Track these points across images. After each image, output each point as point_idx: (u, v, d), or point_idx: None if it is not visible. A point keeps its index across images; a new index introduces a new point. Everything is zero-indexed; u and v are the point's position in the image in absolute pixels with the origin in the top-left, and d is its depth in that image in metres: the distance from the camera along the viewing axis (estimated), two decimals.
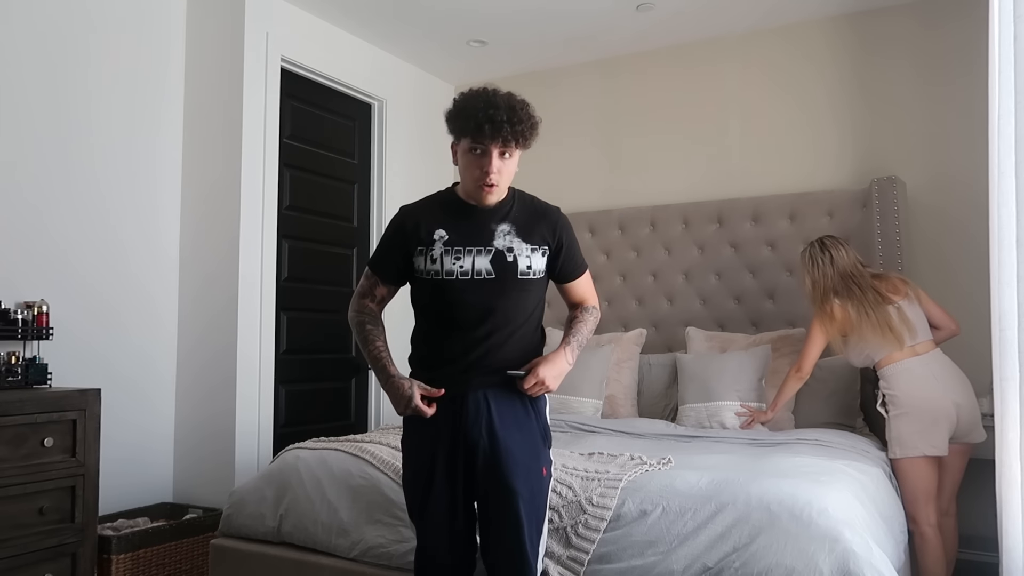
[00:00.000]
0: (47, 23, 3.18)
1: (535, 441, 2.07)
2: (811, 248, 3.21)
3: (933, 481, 2.90)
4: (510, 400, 2.05)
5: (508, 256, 2.03)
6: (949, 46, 3.77)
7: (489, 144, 1.94)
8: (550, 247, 2.11)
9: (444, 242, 2.02)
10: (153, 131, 3.60)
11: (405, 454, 2.12)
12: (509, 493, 1.96)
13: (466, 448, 2.01)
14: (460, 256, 2.01)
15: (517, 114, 1.93)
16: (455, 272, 2.00)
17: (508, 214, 2.07)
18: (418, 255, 2.04)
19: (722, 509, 2.23)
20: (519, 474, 1.98)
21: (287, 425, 3.90)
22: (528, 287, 2.07)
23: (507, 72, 4.87)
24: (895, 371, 2.98)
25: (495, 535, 2.00)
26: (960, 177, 3.69)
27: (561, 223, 2.13)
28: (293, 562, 2.67)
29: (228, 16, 3.68)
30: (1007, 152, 2.34)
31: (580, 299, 2.25)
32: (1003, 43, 2.35)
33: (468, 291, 2.01)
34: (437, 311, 2.06)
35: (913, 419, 2.90)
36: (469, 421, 2.00)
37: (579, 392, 3.80)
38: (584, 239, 4.43)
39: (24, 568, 2.60)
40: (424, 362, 2.11)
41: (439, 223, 2.04)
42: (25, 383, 2.87)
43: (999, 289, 2.36)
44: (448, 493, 2.02)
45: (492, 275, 2.01)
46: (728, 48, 4.29)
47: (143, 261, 3.54)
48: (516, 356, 2.07)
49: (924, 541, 2.88)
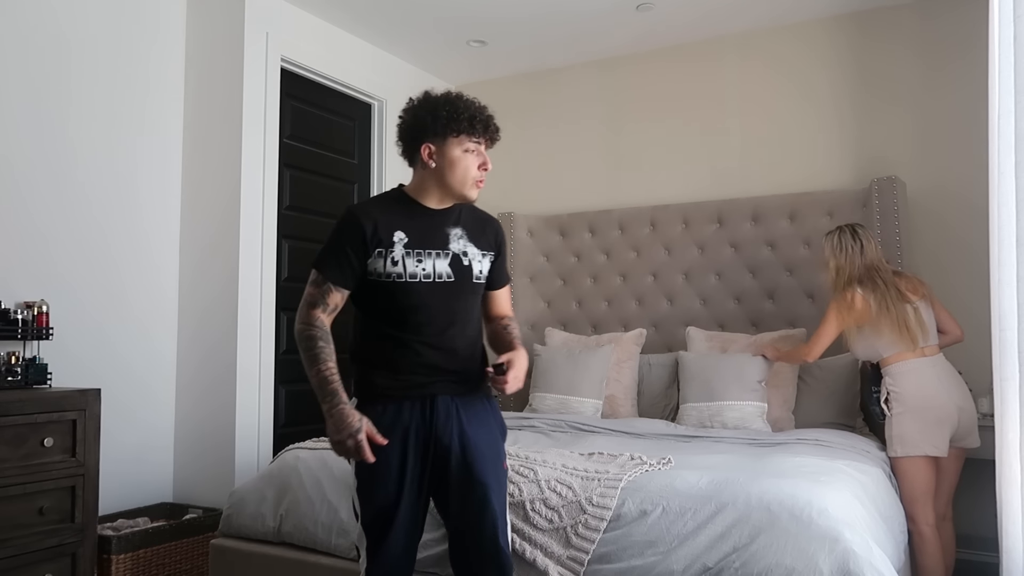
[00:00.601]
0: (47, 23, 3.18)
1: (497, 438, 2.10)
2: (840, 233, 3.14)
3: (932, 481, 2.91)
4: (473, 401, 2.06)
5: (464, 260, 2.04)
6: (949, 46, 3.77)
7: (483, 140, 2.03)
8: (493, 253, 2.14)
9: (404, 244, 1.99)
10: (153, 131, 3.60)
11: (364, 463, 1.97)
12: (484, 488, 1.98)
13: (437, 452, 2.00)
14: (422, 259, 2.00)
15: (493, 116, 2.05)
16: (418, 275, 1.99)
17: (459, 219, 2.09)
18: (376, 257, 1.98)
19: (722, 509, 2.23)
20: (489, 471, 2.01)
21: (287, 425, 3.90)
22: (478, 291, 2.11)
23: (507, 72, 4.87)
24: (903, 369, 2.96)
25: (474, 534, 1.99)
26: (960, 177, 3.69)
27: (500, 231, 2.19)
28: (293, 562, 2.67)
29: (228, 16, 3.68)
30: (1007, 152, 2.34)
31: (504, 311, 2.24)
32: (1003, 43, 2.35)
33: (430, 294, 2.00)
34: (398, 315, 2.00)
35: (916, 418, 2.90)
36: (440, 425, 1.99)
37: (579, 392, 3.80)
38: (584, 239, 4.44)
39: (24, 568, 2.60)
40: (384, 367, 2.02)
41: (397, 224, 2.01)
42: (25, 383, 2.87)
43: (999, 289, 2.35)
44: (416, 500, 2.00)
45: (452, 278, 2.02)
46: (728, 48, 4.29)
47: (143, 261, 3.54)
48: (473, 359, 2.09)
49: (923, 540, 2.88)
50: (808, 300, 3.87)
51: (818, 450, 2.83)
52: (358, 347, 2.07)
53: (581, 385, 3.81)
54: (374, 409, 1.99)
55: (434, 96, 2.03)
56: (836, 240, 3.13)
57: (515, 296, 4.49)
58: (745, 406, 3.41)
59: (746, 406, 3.41)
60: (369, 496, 1.98)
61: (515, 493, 2.47)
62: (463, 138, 1.99)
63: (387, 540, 1.96)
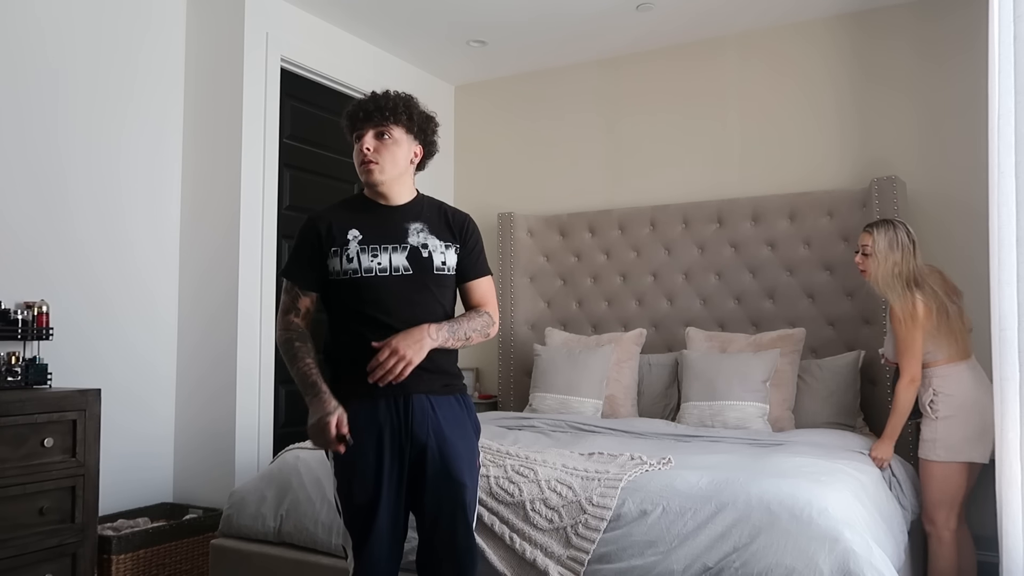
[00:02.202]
0: (47, 23, 3.18)
1: (471, 436, 2.12)
2: (895, 228, 2.89)
3: (963, 488, 2.82)
4: (448, 399, 2.08)
5: (423, 252, 2.07)
6: (949, 45, 3.77)
7: (367, 127, 2.09)
8: (458, 244, 2.15)
9: (359, 241, 2.05)
10: (153, 131, 3.60)
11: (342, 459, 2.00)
12: (460, 487, 2.01)
13: (413, 451, 2.00)
14: (377, 253, 2.04)
15: (387, 100, 2.09)
16: (374, 269, 2.03)
17: (420, 214, 2.13)
18: (332, 256, 2.05)
19: (722, 509, 2.23)
20: (465, 469, 2.03)
21: (287, 425, 3.90)
22: (444, 283, 2.12)
23: (507, 72, 4.87)
24: (954, 372, 2.83)
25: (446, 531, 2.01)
26: (960, 177, 3.69)
27: (468, 223, 2.20)
28: (293, 562, 2.67)
29: (228, 16, 3.68)
30: (1007, 152, 2.34)
31: (478, 302, 2.21)
32: (1003, 43, 2.36)
33: (387, 287, 2.02)
34: (359, 311, 2.03)
35: (964, 423, 2.78)
36: (416, 424, 2.00)
37: (579, 392, 3.81)
38: (584, 239, 4.44)
39: (24, 568, 2.60)
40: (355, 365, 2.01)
41: (351, 223, 2.08)
42: (25, 383, 2.87)
43: (999, 289, 2.36)
44: (396, 498, 2.00)
45: (410, 271, 2.05)
46: (728, 48, 4.29)
47: (143, 261, 3.54)
48: (445, 354, 2.08)
49: (941, 545, 2.81)
50: (808, 300, 3.87)
51: (818, 450, 2.83)
52: (331, 348, 2.12)
53: (581, 385, 3.81)
54: (349, 408, 2.00)
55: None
56: (893, 235, 2.88)
57: (515, 296, 4.49)
58: (746, 406, 3.41)
59: (747, 406, 3.41)
60: (349, 495, 2.01)
61: (515, 493, 2.47)
62: (354, 135, 2.12)
63: (370, 539, 1.98)
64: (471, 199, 4.85)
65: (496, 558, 2.38)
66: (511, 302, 4.49)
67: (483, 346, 4.81)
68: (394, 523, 2.02)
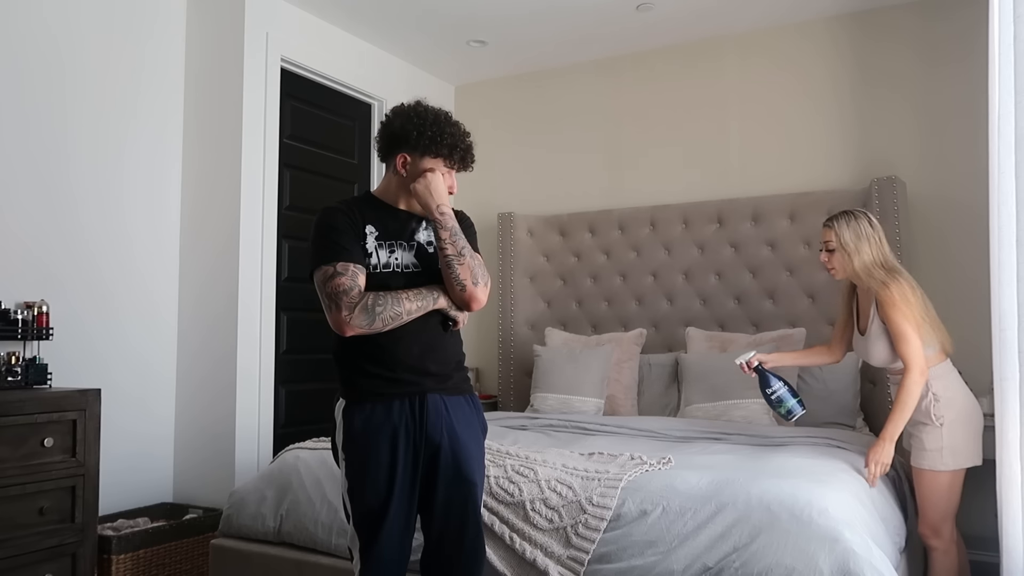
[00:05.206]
0: (47, 23, 3.18)
1: (479, 435, 2.14)
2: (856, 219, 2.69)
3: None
4: (459, 399, 2.09)
5: (429, 249, 2.09)
6: (949, 46, 3.77)
7: (458, 168, 2.12)
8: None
9: (375, 236, 2.06)
10: (153, 131, 3.60)
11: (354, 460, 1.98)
12: (471, 487, 2.03)
13: (427, 451, 2.00)
14: (393, 249, 2.06)
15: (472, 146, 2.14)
16: (391, 264, 2.05)
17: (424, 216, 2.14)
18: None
19: (722, 509, 2.23)
20: (476, 468, 2.05)
21: (287, 425, 3.90)
22: None
23: (507, 72, 4.87)
24: (944, 372, 2.65)
25: (454, 531, 2.02)
26: (960, 177, 3.69)
27: (467, 220, 2.21)
28: (293, 562, 2.67)
29: (228, 16, 3.68)
30: (1007, 152, 2.34)
31: None
32: (1003, 43, 2.36)
33: (399, 284, 2.02)
34: None
35: (965, 425, 2.61)
36: (430, 424, 2.00)
37: (580, 391, 3.81)
38: (584, 239, 4.44)
39: (24, 568, 2.60)
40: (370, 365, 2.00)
41: (367, 219, 2.08)
42: (25, 383, 2.87)
43: (999, 289, 2.36)
44: (407, 499, 1.99)
45: (418, 268, 2.07)
46: (728, 48, 4.29)
47: (143, 261, 3.54)
48: (456, 352, 2.11)
49: (947, 557, 2.68)
50: (808, 300, 3.87)
51: (818, 450, 2.83)
52: (341, 348, 2.05)
53: (582, 385, 3.81)
54: (363, 409, 1.99)
55: (424, 110, 2.10)
56: (856, 225, 2.68)
57: (515, 296, 4.49)
58: (751, 404, 3.41)
59: (752, 404, 3.41)
60: (360, 497, 1.99)
61: (515, 493, 2.47)
62: (439, 161, 2.07)
63: (379, 541, 1.97)
64: (471, 199, 4.85)
65: (496, 558, 2.38)
66: (511, 302, 4.49)
67: (483, 346, 4.81)
68: (405, 524, 2.01)
